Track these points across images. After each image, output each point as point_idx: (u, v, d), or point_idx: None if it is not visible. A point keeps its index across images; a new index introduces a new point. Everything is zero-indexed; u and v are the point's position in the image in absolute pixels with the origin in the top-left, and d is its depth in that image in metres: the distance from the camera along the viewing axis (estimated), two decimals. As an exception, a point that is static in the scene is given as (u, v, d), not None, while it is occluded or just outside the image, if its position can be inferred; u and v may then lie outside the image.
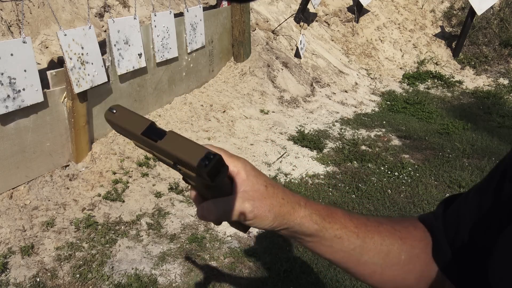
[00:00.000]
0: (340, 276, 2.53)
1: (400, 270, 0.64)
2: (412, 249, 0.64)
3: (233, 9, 4.93)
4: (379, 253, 0.64)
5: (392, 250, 0.64)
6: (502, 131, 4.96)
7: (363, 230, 0.64)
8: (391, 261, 0.64)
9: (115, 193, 3.06)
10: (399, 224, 0.67)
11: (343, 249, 0.63)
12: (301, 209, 0.61)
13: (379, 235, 0.64)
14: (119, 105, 0.63)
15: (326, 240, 0.63)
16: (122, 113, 0.62)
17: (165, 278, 2.45)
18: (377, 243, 0.64)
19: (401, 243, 0.64)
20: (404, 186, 3.58)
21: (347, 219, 0.64)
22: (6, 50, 2.47)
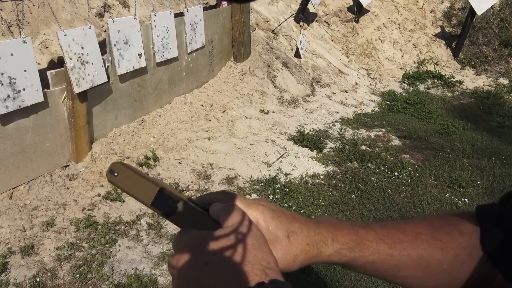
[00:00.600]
0: (340, 276, 2.53)
1: (443, 278, 0.63)
2: (455, 257, 0.62)
3: (233, 9, 4.93)
4: (417, 267, 0.62)
5: (432, 262, 0.62)
6: (502, 131, 4.96)
7: (398, 248, 0.62)
8: (432, 272, 0.62)
9: (115, 193, 3.06)
10: (441, 230, 0.64)
11: (378, 269, 0.63)
12: (328, 248, 0.60)
13: (416, 249, 0.62)
14: (119, 163, 0.59)
15: (358, 266, 0.63)
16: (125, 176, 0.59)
17: (165, 278, 2.45)
18: (414, 258, 0.62)
19: (442, 254, 0.62)
20: (404, 186, 3.58)
21: (380, 241, 0.62)
22: (6, 50, 2.47)
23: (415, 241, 0.63)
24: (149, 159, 3.45)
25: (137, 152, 3.47)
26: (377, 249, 0.62)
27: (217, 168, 3.62)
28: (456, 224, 0.64)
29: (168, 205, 0.56)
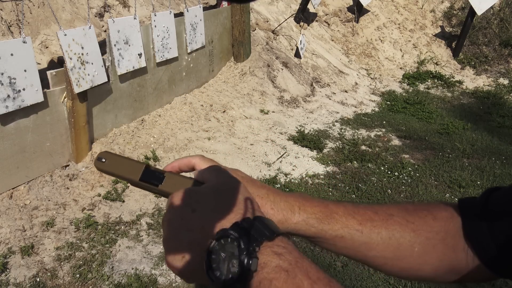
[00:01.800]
0: (340, 276, 2.52)
1: (414, 262, 0.62)
2: (427, 241, 0.62)
3: (233, 9, 4.93)
4: (387, 247, 0.62)
5: (403, 243, 0.62)
6: (502, 131, 4.96)
7: (368, 226, 0.62)
8: (403, 254, 0.62)
9: (115, 193, 3.06)
10: (414, 214, 0.64)
11: (347, 246, 0.62)
12: (294, 215, 0.60)
13: (387, 229, 0.62)
14: (106, 152, 0.63)
15: (328, 240, 0.62)
16: (112, 160, 0.63)
17: (165, 278, 2.45)
18: (384, 237, 0.62)
19: (414, 235, 0.62)
20: (404, 186, 3.58)
21: (350, 217, 0.62)
22: (6, 50, 2.47)
23: (386, 221, 0.63)
24: (149, 159, 3.45)
25: (137, 152, 3.47)
26: (346, 223, 0.61)
27: (217, 168, 3.62)
28: (430, 210, 0.64)
29: (155, 177, 0.60)
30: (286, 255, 0.44)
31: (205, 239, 0.46)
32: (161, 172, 0.60)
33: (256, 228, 0.45)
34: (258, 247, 0.44)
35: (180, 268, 0.48)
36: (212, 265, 0.45)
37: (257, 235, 0.45)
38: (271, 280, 0.42)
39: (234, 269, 0.43)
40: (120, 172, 0.62)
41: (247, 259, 0.43)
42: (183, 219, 0.49)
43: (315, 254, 2.70)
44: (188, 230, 0.48)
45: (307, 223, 0.61)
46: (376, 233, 0.62)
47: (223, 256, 0.44)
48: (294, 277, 0.42)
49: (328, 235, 0.61)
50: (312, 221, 0.61)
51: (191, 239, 0.48)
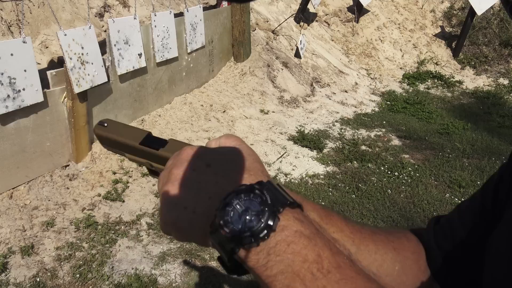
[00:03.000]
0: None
1: (393, 281, 0.63)
2: (405, 260, 0.64)
3: (233, 9, 4.93)
4: (373, 262, 0.62)
5: (386, 259, 0.62)
6: (502, 131, 4.96)
7: (358, 236, 0.62)
8: (385, 271, 0.62)
9: (115, 193, 3.06)
10: (392, 235, 0.66)
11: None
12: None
13: (374, 243, 0.63)
14: (109, 119, 0.60)
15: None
16: (114, 126, 0.60)
17: (165, 278, 2.45)
18: (371, 251, 0.62)
19: (395, 254, 0.63)
20: (404, 186, 3.58)
21: (343, 223, 0.62)
22: (6, 50, 2.47)
23: (372, 235, 0.63)
24: (149, 159, 3.45)
25: (137, 152, 3.47)
26: (341, 228, 0.61)
27: (217, 168, 3.62)
28: (403, 232, 0.68)
29: (157, 142, 0.56)
30: (307, 223, 0.43)
31: (218, 193, 0.44)
32: (163, 139, 0.57)
33: (279, 192, 0.43)
34: (282, 208, 0.42)
35: (178, 222, 0.45)
36: (224, 217, 0.42)
37: (281, 198, 0.43)
38: (289, 244, 0.40)
39: (251, 224, 0.41)
40: (119, 137, 0.59)
41: (270, 216, 0.41)
42: (195, 170, 0.46)
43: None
44: (200, 181, 0.45)
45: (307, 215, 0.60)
46: (364, 245, 0.62)
47: (239, 209, 0.41)
48: (315, 244, 0.41)
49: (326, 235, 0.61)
50: (313, 215, 0.59)
51: (202, 190, 0.45)
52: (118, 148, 0.61)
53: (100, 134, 0.61)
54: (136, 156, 0.60)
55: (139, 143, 0.57)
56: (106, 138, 0.61)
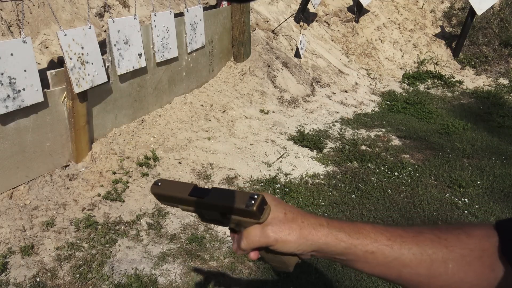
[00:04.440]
0: (340, 276, 2.53)
1: (449, 279, 0.60)
2: (461, 258, 0.60)
3: (233, 9, 4.93)
4: (420, 263, 0.61)
5: (436, 259, 0.60)
6: (502, 131, 4.96)
7: (398, 241, 0.62)
8: (437, 271, 0.60)
9: (115, 193, 3.06)
10: (447, 231, 0.63)
11: (380, 263, 0.62)
12: (323, 228, 0.63)
13: (418, 245, 0.62)
14: (162, 179, 0.75)
15: (359, 257, 0.63)
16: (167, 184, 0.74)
17: (165, 278, 2.45)
18: (416, 253, 0.61)
19: (447, 252, 0.61)
20: (404, 186, 3.58)
21: (378, 233, 0.63)
22: (6, 50, 2.47)
23: (416, 237, 0.62)
24: (149, 159, 3.45)
25: (137, 152, 3.47)
26: (375, 238, 0.62)
27: (217, 168, 3.62)
28: (463, 228, 0.63)
29: (202, 192, 0.69)
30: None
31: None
32: (207, 189, 0.69)
33: None
34: None
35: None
36: None
37: None
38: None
39: None
40: (171, 193, 0.71)
41: None
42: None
43: (315, 254, 2.70)
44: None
45: (336, 237, 0.63)
46: (407, 249, 0.61)
47: None
48: None
49: (359, 251, 0.62)
50: (341, 235, 0.63)
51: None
52: (172, 202, 0.74)
53: (156, 192, 0.73)
54: (188, 206, 0.72)
55: (187, 195, 0.70)
56: (161, 195, 0.73)
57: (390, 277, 0.64)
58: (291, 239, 0.63)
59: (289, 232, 0.63)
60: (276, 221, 0.64)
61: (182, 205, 0.72)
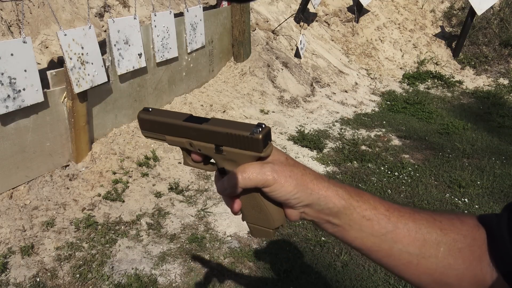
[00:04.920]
0: (340, 276, 2.53)
1: (439, 263, 0.58)
2: (454, 242, 0.59)
3: (233, 9, 4.93)
4: (414, 242, 0.58)
5: (429, 239, 0.58)
6: (502, 131, 4.96)
7: (395, 214, 0.59)
8: (428, 252, 0.58)
9: (115, 193, 3.06)
10: (442, 215, 0.62)
11: (374, 233, 0.59)
12: (325, 182, 0.60)
13: (414, 222, 0.59)
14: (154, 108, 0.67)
15: (355, 222, 0.59)
16: (158, 111, 0.66)
17: (165, 278, 2.45)
18: (411, 230, 0.59)
19: (441, 234, 0.59)
20: (404, 186, 3.58)
21: (377, 202, 0.60)
22: (6, 50, 2.47)
23: (413, 214, 0.60)
24: (149, 159, 3.45)
25: (137, 152, 3.47)
26: (374, 205, 0.60)
27: (217, 168, 3.62)
28: (457, 215, 0.63)
29: (199, 120, 0.62)
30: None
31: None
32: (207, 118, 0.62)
33: None
34: None
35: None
36: None
37: None
38: None
39: None
40: (163, 119, 0.63)
41: None
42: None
43: (315, 254, 2.70)
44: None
45: (337, 193, 0.59)
46: (403, 223, 0.59)
47: None
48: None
49: (356, 215, 0.59)
50: (342, 192, 0.59)
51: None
52: (159, 131, 0.65)
53: (143, 117, 0.65)
54: (177, 136, 0.64)
55: (183, 120, 0.62)
56: (149, 120, 0.65)
57: (379, 253, 0.60)
58: (291, 183, 0.58)
59: (290, 174, 0.58)
60: (277, 162, 0.59)
61: (170, 136, 0.64)
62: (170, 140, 0.65)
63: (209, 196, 3.28)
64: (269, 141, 0.59)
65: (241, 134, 0.57)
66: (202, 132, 0.61)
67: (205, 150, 0.63)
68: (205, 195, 3.28)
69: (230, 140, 0.59)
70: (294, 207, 0.60)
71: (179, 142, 0.64)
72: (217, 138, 0.60)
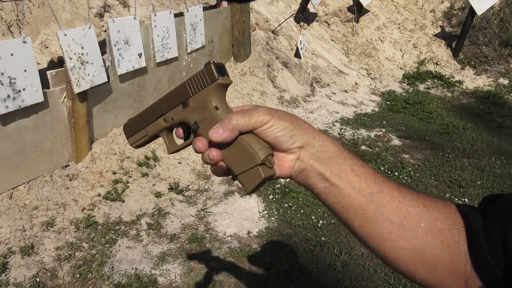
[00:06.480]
0: (340, 277, 2.53)
1: (418, 238, 0.57)
2: (435, 220, 0.58)
3: (233, 9, 4.93)
4: (396, 210, 0.58)
5: (411, 212, 0.58)
6: (502, 131, 4.96)
7: (381, 179, 0.59)
8: (408, 225, 0.57)
9: (115, 193, 3.06)
10: (426, 195, 0.61)
11: (361, 191, 0.58)
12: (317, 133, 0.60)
13: (399, 191, 0.59)
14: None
15: (345, 175, 0.58)
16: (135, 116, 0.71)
17: (165, 278, 2.45)
18: (395, 197, 0.58)
19: (424, 210, 0.58)
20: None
21: (365, 164, 0.60)
22: (6, 50, 2.47)
23: (397, 185, 0.60)
24: (149, 159, 3.45)
25: (137, 152, 3.47)
26: (363, 164, 0.60)
27: (217, 168, 3.62)
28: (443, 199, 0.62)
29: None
30: None
31: None
32: None
33: None
34: None
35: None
36: None
37: None
38: None
39: None
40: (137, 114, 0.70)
41: None
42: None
43: (315, 254, 2.70)
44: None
45: (330, 138, 0.60)
46: (388, 189, 0.59)
47: None
48: None
49: (346, 167, 0.58)
50: (335, 141, 0.60)
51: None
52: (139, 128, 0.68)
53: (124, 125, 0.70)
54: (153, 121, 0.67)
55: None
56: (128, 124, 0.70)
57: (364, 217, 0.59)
58: (287, 119, 0.58)
59: (285, 113, 0.59)
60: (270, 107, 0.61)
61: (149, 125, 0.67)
62: (150, 130, 0.67)
63: (209, 196, 3.28)
64: (226, 74, 0.62)
65: (196, 74, 0.60)
66: (168, 97, 0.63)
67: (176, 115, 0.64)
68: (205, 195, 3.28)
69: (191, 87, 0.61)
70: (289, 149, 0.59)
71: (157, 126, 0.66)
72: (180, 95, 0.62)
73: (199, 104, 0.61)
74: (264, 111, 0.58)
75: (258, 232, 2.89)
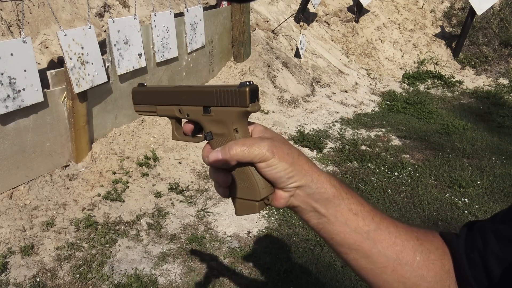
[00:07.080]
0: (340, 277, 2.53)
1: (412, 272, 0.59)
2: (428, 253, 0.60)
3: (233, 9, 4.93)
4: (392, 246, 0.59)
5: (407, 247, 0.59)
6: (502, 131, 4.96)
7: (378, 216, 0.60)
8: (405, 259, 0.59)
9: (115, 193, 3.06)
10: (417, 227, 0.63)
11: (358, 229, 0.58)
12: (318, 168, 0.60)
13: (395, 227, 0.60)
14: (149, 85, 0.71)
15: (341, 214, 0.59)
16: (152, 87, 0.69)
17: (165, 278, 2.45)
18: (392, 233, 0.59)
19: (418, 243, 0.60)
20: (404, 186, 3.58)
21: (363, 200, 0.61)
22: (6, 50, 2.47)
23: (393, 220, 0.61)
24: (149, 159, 3.45)
25: (137, 152, 3.46)
26: (361, 202, 0.60)
27: (217, 168, 3.62)
28: (430, 230, 0.64)
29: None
30: None
31: None
32: None
33: None
34: None
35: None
36: None
37: None
38: None
39: None
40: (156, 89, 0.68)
41: None
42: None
43: (315, 254, 2.70)
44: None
45: (330, 181, 0.59)
46: (385, 225, 0.59)
47: None
48: None
49: (344, 206, 0.59)
50: (334, 181, 0.60)
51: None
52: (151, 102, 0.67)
53: (137, 90, 0.68)
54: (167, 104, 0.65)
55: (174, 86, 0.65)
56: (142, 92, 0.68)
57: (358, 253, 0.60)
58: (287, 160, 0.57)
59: (288, 152, 0.58)
60: (276, 139, 0.60)
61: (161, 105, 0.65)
62: (160, 110, 0.66)
63: (209, 196, 3.28)
64: (257, 100, 0.59)
65: (228, 90, 0.58)
66: (192, 94, 0.61)
67: (193, 115, 0.62)
68: (205, 195, 3.28)
69: (218, 98, 0.59)
70: (286, 188, 0.59)
71: (169, 111, 0.65)
72: (205, 99, 0.60)
73: (220, 118, 0.60)
74: (267, 146, 0.57)
75: (258, 232, 2.89)
